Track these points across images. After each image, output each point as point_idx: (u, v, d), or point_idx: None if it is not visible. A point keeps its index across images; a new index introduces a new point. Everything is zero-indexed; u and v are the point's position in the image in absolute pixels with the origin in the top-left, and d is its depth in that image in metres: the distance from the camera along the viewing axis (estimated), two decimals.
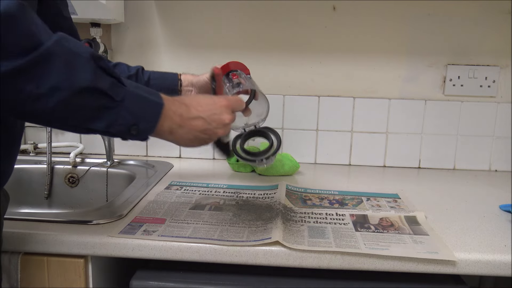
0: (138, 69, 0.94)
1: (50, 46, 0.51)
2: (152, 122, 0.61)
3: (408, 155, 1.27)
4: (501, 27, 1.20)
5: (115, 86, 0.57)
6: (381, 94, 1.25)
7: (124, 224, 0.79)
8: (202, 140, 0.68)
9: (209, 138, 0.68)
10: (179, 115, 0.64)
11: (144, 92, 0.61)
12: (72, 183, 1.20)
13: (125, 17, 1.24)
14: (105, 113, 0.57)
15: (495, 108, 1.23)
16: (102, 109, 0.56)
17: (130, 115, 0.58)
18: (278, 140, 0.86)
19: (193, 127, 0.66)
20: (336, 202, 0.94)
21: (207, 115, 0.67)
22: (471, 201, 0.98)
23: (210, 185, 1.03)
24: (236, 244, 0.72)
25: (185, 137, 0.66)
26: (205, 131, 0.67)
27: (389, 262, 0.71)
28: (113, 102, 0.56)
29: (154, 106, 0.61)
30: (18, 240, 0.74)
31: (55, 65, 0.51)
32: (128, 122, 0.58)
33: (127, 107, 0.58)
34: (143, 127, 0.60)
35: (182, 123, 0.64)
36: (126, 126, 0.58)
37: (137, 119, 0.59)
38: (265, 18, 1.23)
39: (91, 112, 0.56)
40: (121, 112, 0.57)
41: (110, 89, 0.56)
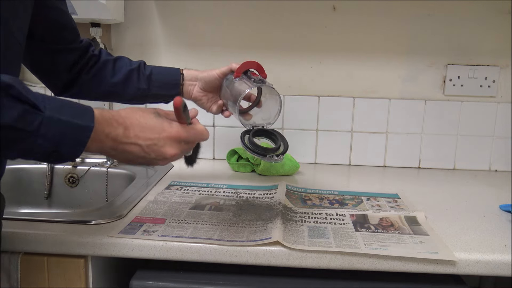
0: (140, 63, 0.93)
1: None
2: (76, 147, 0.56)
3: (408, 155, 1.27)
4: (501, 27, 1.20)
5: (27, 114, 0.51)
6: (381, 94, 1.25)
7: (124, 224, 0.79)
8: (140, 163, 0.64)
9: (148, 164, 0.65)
10: (112, 138, 0.59)
11: (69, 115, 0.54)
12: (72, 183, 1.20)
13: (125, 17, 1.24)
14: (16, 145, 0.52)
15: (495, 108, 1.23)
16: (12, 141, 0.52)
17: (47, 143, 0.53)
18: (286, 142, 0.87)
19: (128, 152, 0.61)
20: (336, 202, 0.94)
21: (146, 144, 0.61)
22: (471, 201, 0.98)
23: (210, 185, 1.03)
24: (236, 244, 0.72)
25: (120, 158, 0.62)
26: (142, 158, 0.62)
27: (389, 262, 0.71)
28: (25, 133, 0.51)
29: (78, 130, 0.55)
30: (18, 240, 0.74)
31: None
32: (45, 150, 0.54)
33: (44, 135, 0.52)
34: (65, 152, 0.55)
35: (115, 146, 0.60)
36: (44, 154, 0.54)
37: (56, 145, 0.54)
38: (265, 18, 1.23)
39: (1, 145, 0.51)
40: (37, 141, 0.52)
41: (20, 120, 0.50)
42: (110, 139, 0.59)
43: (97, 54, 0.91)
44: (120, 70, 0.91)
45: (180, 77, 0.94)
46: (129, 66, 0.92)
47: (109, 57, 0.92)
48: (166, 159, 0.64)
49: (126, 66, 0.92)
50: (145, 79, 0.92)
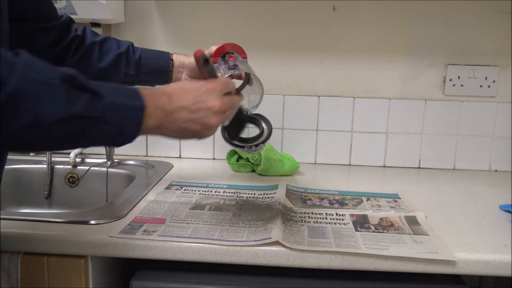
0: (129, 46, 0.89)
1: (15, 85, 0.47)
2: (135, 127, 0.58)
3: (408, 155, 1.27)
4: (501, 27, 1.20)
5: (92, 102, 0.53)
6: (381, 94, 1.25)
7: (124, 224, 0.79)
8: (193, 132, 0.64)
9: (200, 129, 0.64)
10: (161, 109, 0.60)
11: (124, 97, 0.57)
12: (72, 183, 1.20)
13: (125, 17, 1.24)
14: (87, 133, 0.54)
15: (495, 108, 1.23)
16: (82, 131, 0.54)
17: (112, 127, 0.55)
18: (269, 127, 0.83)
19: (177, 119, 0.62)
20: (336, 202, 0.94)
21: (191, 104, 0.62)
22: (471, 201, 0.98)
23: (210, 185, 1.03)
24: (236, 244, 0.72)
25: (172, 131, 0.62)
26: (193, 121, 0.63)
27: (389, 262, 0.71)
28: (92, 120, 0.54)
29: (135, 111, 0.58)
30: (18, 240, 0.74)
31: (24, 104, 0.48)
32: (111, 134, 0.56)
33: (108, 120, 0.55)
34: (127, 134, 0.58)
35: (165, 117, 0.61)
36: (110, 138, 0.57)
37: (120, 128, 0.56)
38: (265, 18, 1.23)
39: (71, 136, 0.54)
40: (103, 127, 0.55)
41: (87, 109, 0.53)
42: (160, 110, 0.60)
43: (81, 35, 0.86)
44: (107, 53, 0.87)
45: (170, 63, 0.90)
46: (117, 50, 0.87)
47: (95, 38, 0.87)
48: (215, 113, 0.64)
49: (114, 49, 0.87)
50: (134, 64, 0.88)
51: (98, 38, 0.88)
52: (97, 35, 0.88)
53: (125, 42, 0.90)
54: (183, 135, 0.64)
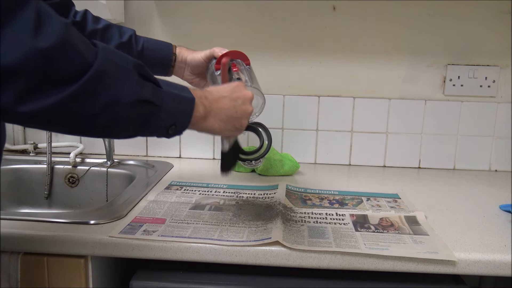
0: (131, 35, 0.87)
1: (100, 65, 0.51)
2: (188, 117, 0.62)
3: (408, 155, 1.27)
4: (501, 27, 1.20)
5: (155, 90, 0.58)
6: (381, 94, 1.25)
7: (124, 224, 0.79)
8: (235, 120, 0.68)
9: (241, 117, 0.69)
10: (206, 99, 0.65)
11: (177, 89, 0.61)
12: (72, 183, 1.20)
13: (125, 17, 1.24)
14: (150, 119, 0.58)
15: (495, 108, 1.23)
16: (148, 116, 0.58)
17: (168, 116, 0.59)
18: (269, 140, 0.84)
19: (221, 107, 0.67)
20: (336, 202, 0.94)
21: (230, 93, 0.69)
22: (471, 201, 0.98)
23: (210, 185, 1.03)
24: (236, 244, 0.72)
25: (219, 119, 0.67)
26: (234, 108, 0.68)
27: (389, 262, 0.71)
28: (155, 107, 0.57)
29: (187, 102, 0.62)
30: (18, 240, 0.74)
31: (106, 83, 0.52)
32: (167, 124, 0.60)
33: (166, 109, 0.59)
34: (180, 124, 0.61)
35: (211, 105, 0.65)
36: (165, 128, 0.60)
37: (175, 118, 0.60)
38: (265, 18, 1.23)
39: (138, 121, 0.57)
40: (162, 115, 0.58)
41: (153, 95, 0.57)
42: (205, 100, 0.65)
43: (80, 21, 0.83)
44: (109, 43, 0.85)
45: (172, 57, 0.90)
46: (119, 39, 0.86)
47: (97, 26, 0.85)
48: (250, 101, 0.71)
49: (116, 38, 0.86)
50: (135, 55, 0.87)
51: (99, 25, 0.86)
52: (98, 21, 0.86)
53: (128, 30, 0.88)
54: (227, 124, 0.68)
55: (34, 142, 1.29)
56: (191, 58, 0.90)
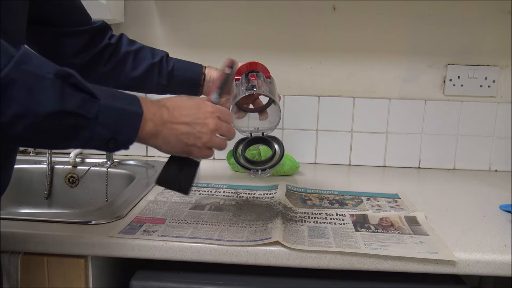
0: (163, 56, 0.90)
1: (8, 73, 0.48)
2: (131, 133, 0.59)
3: (408, 155, 1.27)
4: (501, 27, 1.20)
5: (87, 102, 0.54)
6: (381, 94, 1.25)
7: (124, 224, 0.79)
8: (185, 145, 0.65)
9: (193, 143, 0.65)
10: (160, 117, 0.62)
11: (121, 102, 0.57)
12: (72, 183, 1.20)
13: (125, 17, 1.24)
14: (78, 132, 0.55)
15: (495, 108, 1.23)
16: (74, 129, 0.54)
17: (106, 130, 0.56)
18: (281, 153, 0.83)
19: (175, 130, 0.63)
20: (336, 202, 0.94)
21: (191, 120, 0.64)
22: (471, 201, 0.98)
23: (210, 185, 1.03)
24: (236, 244, 0.72)
25: (167, 141, 0.63)
26: (188, 135, 0.64)
27: (389, 262, 0.71)
28: (86, 120, 0.54)
29: (132, 116, 0.58)
30: (18, 240, 0.74)
31: (14, 92, 0.49)
32: (104, 138, 0.56)
33: (102, 123, 0.55)
34: (122, 139, 0.58)
35: (163, 126, 0.62)
36: (103, 141, 0.57)
37: (114, 133, 0.57)
38: (265, 18, 1.23)
39: (62, 133, 0.54)
40: (96, 129, 0.55)
41: (81, 107, 0.53)
42: (159, 119, 0.61)
43: (115, 43, 0.87)
44: (141, 63, 0.87)
45: (201, 77, 0.91)
46: (151, 60, 0.88)
47: (130, 48, 0.88)
48: (211, 131, 0.66)
49: (148, 59, 0.88)
50: (165, 74, 0.89)
51: (133, 47, 0.89)
52: (133, 44, 0.90)
53: (160, 52, 0.91)
54: (176, 147, 0.65)
55: None
56: (216, 75, 0.90)
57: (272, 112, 0.87)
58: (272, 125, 0.87)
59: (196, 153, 0.66)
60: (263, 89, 0.80)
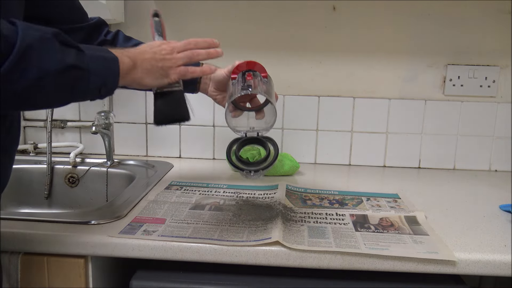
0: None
1: (23, 42, 0.52)
2: (116, 75, 0.64)
3: (408, 155, 1.27)
4: (501, 27, 1.20)
5: (79, 55, 0.59)
6: (381, 94, 1.25)
7: (124, 224, 0.79)
8: (159, 68, 0.69)
9: (163, 65, 0.70)
10: (127, 51, 0.67)
11: (99, 51, 0.63)
12: (72, 183, 1.20)
13: (125, 17, 1.24)
14: (80, 84, 0.59)
15: (495, 108, 1.23)
16: (77, 81, 0.59)
17: (97, 77, 0.61)
18: (275, 154, 0.83)
19: (144, 56, 0.68)
20: (336, 202, 0.94)
21: (151, 46, 0.71)
22: (471, 201, 0.98)
23: (210, 185, 1.03)
24: (236, 244, 0.72)
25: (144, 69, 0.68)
26: (156, 60, 0.69)
27: (389, 262, 0.71)
28: (82, 71, 0.59)
29: (112, 61, 0.64)
30: (18, 240, 0.74)
31: (33, 57, 0.53)
32: (97, 85, 0.61)
33: (94, 70, 0.60)
34: (110, 84, 0.63)
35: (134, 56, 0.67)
36: (97, 90, 0.62)
37: (104, 79, 0.62)
38: (265, 18, 1.23)
39: (69, 87, 0.58)
40: (91, 78, 0.60)
41: (77, 60, 0.58)
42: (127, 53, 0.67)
43: (110, 40, 0.89)
44: None
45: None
46: None
47: (127, 44, 0.90)
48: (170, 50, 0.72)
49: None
50: None
51: (129, 43, 0.92)
52: (129, 40, 0.93)
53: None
54: (154, 72, 0.69)
55: (34, 142, 1.29)
56: (215, 73, 0.90)
57: (269, 112, 0.86)
58: (268, 125, 0.86)
59: (172, 72, 0.71)
60: (259, 89, 0.80)
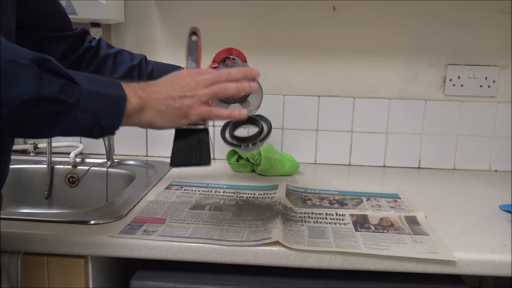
0: (142, 58, 0.91)
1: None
2: (116, 116, 0.57)
3: (408, 155, 1.27)
4: (501, 27, 1.20)
5: (67, 87, 0.53)
6: (381, 94, 1.25)
7: (124, 224, 0.79)
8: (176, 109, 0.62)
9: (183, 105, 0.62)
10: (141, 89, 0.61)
11: (102, 86, 0.57)
12: (72, 183, 1.20)
13: (125, 17, 1.24)
14: (60, 119, 0.53)
15: (495, 108, 1.23)
16: (56, 116, 0.53)
17: (89, 116, 0.55)
18: (269, 126, 0.83)
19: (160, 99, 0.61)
20: (336, 202, 0.94)
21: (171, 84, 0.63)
22: (471, 201, 0.98)
23: (210, 185, 1.03)
24: (236, 244, 0.72)
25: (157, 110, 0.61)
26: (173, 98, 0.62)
27: (389, 262, 0.71)
28: (67, 105, 0.53)
29: (115, 99, 0.57)
30: (18, 240, 0.74)
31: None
32: (87, 123, 0.55)
33: (84, 107, 0.54)
34: (106, 124, 0.57)
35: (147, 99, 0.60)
36: (87, 128, 0.56)
37: (97, 118, 0.56)
38: (265, 18, 1.23)
39: (44, 120, 0.53)
40: (78, 114, 0.54)
41: (61, 92, 0.52)
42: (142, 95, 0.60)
43: (95, 46, 0.88)
44: (120, 66, 0.89)
45: None
46: (130, 62, 0.89)
47: (109, 51, 0.89)
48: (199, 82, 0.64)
49: (127, 61, 0.89)
50: (146, 76, 0.89)
51: (112, 50, 0.90)
52: (111, 48, 0.91)
53: (138, 55, 0.92)
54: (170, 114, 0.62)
55: (34, 142, 1.29)
56: None
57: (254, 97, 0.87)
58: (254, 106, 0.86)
59: (192, 113, 0.63)
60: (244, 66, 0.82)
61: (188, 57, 0.77)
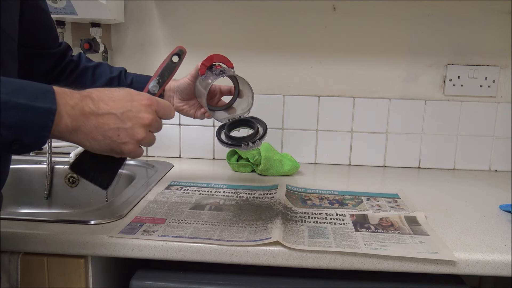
0: (121, 71, 0.92)
1: None
2: (40, 132, 0.51)
3: (408, 155, 1.27)
4: (501, 27, 1.20)
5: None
6: (381, 94, 1.25)
7: (124, 224, 0.79)
8: (113, 143, 0.57)
9: (124, 141, 0.58)
10: (80, 110, 0.54)
11: (28, 97, 0.50)
12: (72, 183, 1.20)
13: (125, 17, 1.24)
14: None
15: (495, 108, 1.23)
16: None
17: (6, 131, 0.49)
18: (264, 126, 0.86)
19: (102, 124, 0.55)
20: (336, 202, 0.94)
21: (121, 112, 0.57)
22: (471, 201, 0.98)
23: (210, 185, 1.03)
24: (236, 244, 0.72)
25: (91, 137, 0.56)
26: (118, 131, 0.56)
27: (389, 262, 0.71)
28: None
29: (40, 113, 0.50)
30: (18, 240, 0.74)
31: None
32: (5, 139, 0.49)
33: (1, 122, 0.48)
34: (28, 140, 0.51)
35: (85, 119, 0.54)
36: (5, 144, 0.50)
37: (17, 133, 0.50)
38: (265, 18, 1.23)
39: None
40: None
41: None
42: (79, 112, 0.54)
43: (76, 60, 0.90)
44: (100, 77, 0.90)
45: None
46: (110, 74, 0.91)
47: (89, 64, 0.91)
48: (144, 126, 0.59)
49: (106, 73, 0.90)
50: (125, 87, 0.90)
51: (91, 63, 0.92)
52: (91, 61, 0.93)
53: (118, 68, 0.93)
54: (103, 145, 0.57)
55: None
56: (176, 84, 0.92)
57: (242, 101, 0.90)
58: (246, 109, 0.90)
59: (127, 152, 0.59)
60: (232, 71, 0.85)
61: (156, 77, 0.73)
